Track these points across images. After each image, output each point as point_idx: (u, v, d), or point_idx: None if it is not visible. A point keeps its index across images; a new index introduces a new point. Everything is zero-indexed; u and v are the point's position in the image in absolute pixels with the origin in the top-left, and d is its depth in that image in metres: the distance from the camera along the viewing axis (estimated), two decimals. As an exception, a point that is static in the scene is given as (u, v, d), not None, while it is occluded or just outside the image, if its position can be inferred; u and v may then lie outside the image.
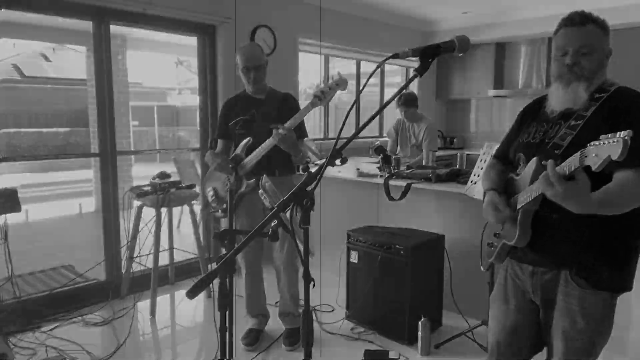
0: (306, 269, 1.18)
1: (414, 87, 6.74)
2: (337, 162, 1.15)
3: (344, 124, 1.24)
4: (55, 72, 11.26)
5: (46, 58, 11.77)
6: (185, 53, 9.22)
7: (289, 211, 1.15)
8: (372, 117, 1.21)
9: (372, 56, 6.06)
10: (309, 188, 1.12)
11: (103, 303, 3.52)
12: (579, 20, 1.53)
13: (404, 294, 2.90)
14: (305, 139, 2.87)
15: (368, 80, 1.35)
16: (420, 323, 2.76)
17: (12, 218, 3.15)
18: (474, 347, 2.83)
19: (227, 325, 1.29)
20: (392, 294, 2.95)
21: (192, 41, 4.33)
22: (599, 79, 1.54)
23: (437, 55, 1.25)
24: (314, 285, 1.20)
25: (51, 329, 3.13)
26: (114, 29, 3.65)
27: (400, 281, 2.91)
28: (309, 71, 6.17)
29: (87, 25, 3.61)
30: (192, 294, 0.97)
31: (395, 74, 7.01)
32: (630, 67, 4.92)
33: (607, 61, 1.57)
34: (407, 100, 4.44)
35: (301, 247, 1.18)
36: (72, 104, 11.07)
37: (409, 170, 3.54)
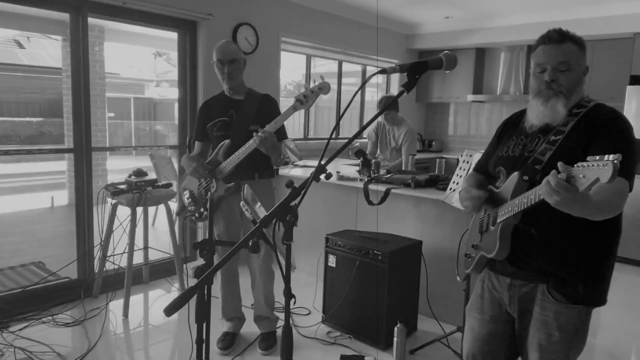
0: (287, 286, 1.17)
1: (394, 90, 6.79)
2: (322, 177, 1.13)
3: (329, 141, 1.23)
4: (29, 60, 10.90)
5: (20, 45, 11.38)
6: (165, 46, 9.05)
7: (272, 225, 1.14)
8: (354, 137, 1.20)
9: (354, 57, 6.06)
10: (293, 203, 1.11)
11: (75, 302, 3.44)
12: (557, 38, 1.56)
13: (381, 299, 2.91)
14: (285, 140, 2.85)
15: (353, 98, 1.34)
16: (396, 328, 2.78)
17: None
18: (449, 353, 2.87)
19: (204, 337, 1.26)
20: (369, 299, 2.96)
21: (171, 34, 4.25)
22: (577, 95, 1.58)
23: (424, 72, 1.25)
24: (294, 302, 1.19)
25: (20, 329, 3.04)
26: (92, 19, 3.56)
27: (377, 286, 2.92)
28: (291, 69, 6.14)
29: (63, 14, 3.50)
30: (170, 311, 0.95)
31: (376, 75, 7.02)
32: (606, 76, 5.04)
33: (584, 77, 1.61)
34: (388, 103, 4.45)
35: (283, 262, 1.17)
36: (46, 93, 10.74)
37: (388, 175, 3.55)
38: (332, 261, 3.15)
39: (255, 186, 2.72)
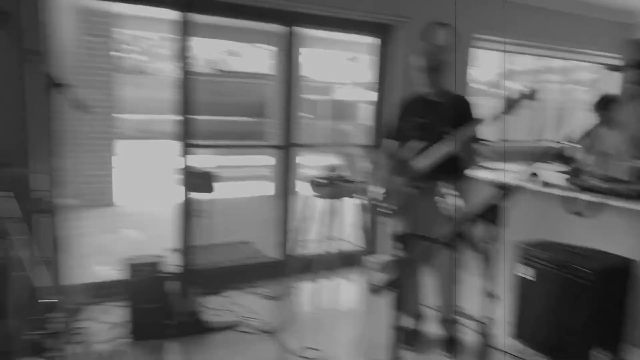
0: (488, 285, 1.16)
1: (606, 87, 5.96)
2: (532, 179, 1.09)
3: (537, 145, 1.17)
4: (242, 67, 12.69)
5: (233, 54, 13.38)
6: (357, 50, 9.53)
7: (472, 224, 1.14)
8: (562, 141, 1.12)
9: (557, 52, 5.49)
10: (499, 204, 1.10)
11: (276, 280, 3.90)
12: None
13: (581, 321, 2.62)
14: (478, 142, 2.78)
15: (567, 101, 1.24)
16: (595, 354, 2.47)
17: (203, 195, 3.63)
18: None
19: (401, 325, 1.33)
20: (567, 319, 2.69)
21: (363, 39, 4.44)
22: None
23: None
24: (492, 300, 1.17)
25: (233, 297, 3.56)
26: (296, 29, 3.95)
27: (579, 306, 2.64)
28: (485, 67, 5.89)
29: (272, 26, 3.97)
30: (376, 290, 1.03)
31: (582, 71, 6.23)
32: None
33: None
34: (606, 104, 3.95)
35: (482, 262, 1.16)
36: (254, 96, 12.34)
37: (600, 183, 3.17)
38: (527, 272, 2.95)
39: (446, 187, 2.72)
